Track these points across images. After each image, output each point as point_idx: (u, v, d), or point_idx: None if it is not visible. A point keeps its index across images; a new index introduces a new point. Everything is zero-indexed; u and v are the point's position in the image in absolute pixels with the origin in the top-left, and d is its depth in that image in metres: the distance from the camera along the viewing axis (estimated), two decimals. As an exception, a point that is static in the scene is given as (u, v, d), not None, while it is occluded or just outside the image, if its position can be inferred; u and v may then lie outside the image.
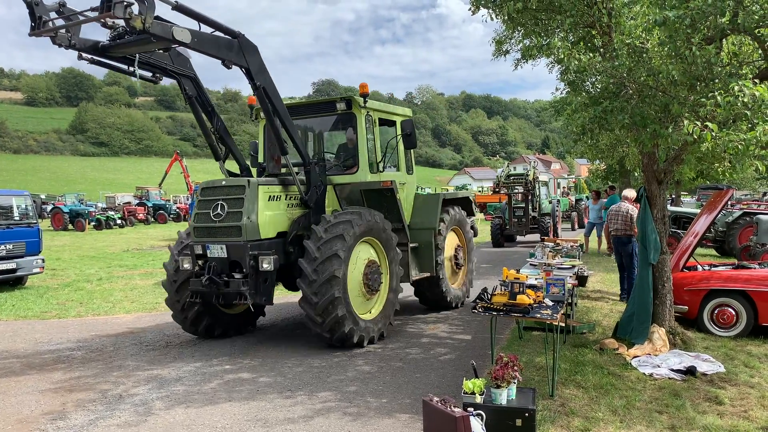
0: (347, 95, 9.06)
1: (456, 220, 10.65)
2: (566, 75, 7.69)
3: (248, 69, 7.24)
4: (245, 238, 7.64)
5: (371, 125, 9.23)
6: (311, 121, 9.84)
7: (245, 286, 7.54)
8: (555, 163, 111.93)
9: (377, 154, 9.34)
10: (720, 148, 5.56)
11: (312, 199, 8.46)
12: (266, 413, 5.77)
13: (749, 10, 5.52)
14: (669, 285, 7.84)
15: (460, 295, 10.83)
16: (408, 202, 10.01)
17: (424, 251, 9.83)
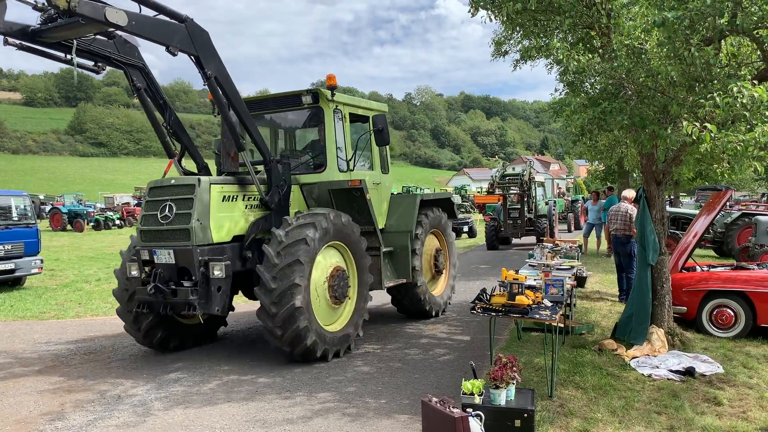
0: (314, 88, 8.45)
1: (436, 222, 10.11)
2: (565, 76, 7.68)
3: (197, 57, 6.68)
4: (194, 243, 6.94)
5: (340, 120, 8.67)
6: (276, 116, 9.32)
7: (194, 295, 6.84)
8: (554, 164, 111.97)
9: (347, 152, 8.76)
10: (719, 149, 5.57)
11: (273, 200, 7.78)
12: (265, 414, 5.77)
13: (748, 11, 5.53)
14: (668, 286, 7.84)
15: (440, 303, 10.22)
16: (383, 204, 9.52)
17: (400, 256, 9.25)
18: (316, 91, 8.36)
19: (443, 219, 10.42)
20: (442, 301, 10.31)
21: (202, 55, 6.73)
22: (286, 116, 9.32)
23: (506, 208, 21.88)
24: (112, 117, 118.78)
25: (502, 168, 23.56)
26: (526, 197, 21.73)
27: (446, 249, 10.70)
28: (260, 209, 7.85)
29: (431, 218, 9.87)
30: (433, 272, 10.25)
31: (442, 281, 10.60)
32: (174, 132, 7.86)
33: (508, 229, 21.92)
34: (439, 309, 10.18)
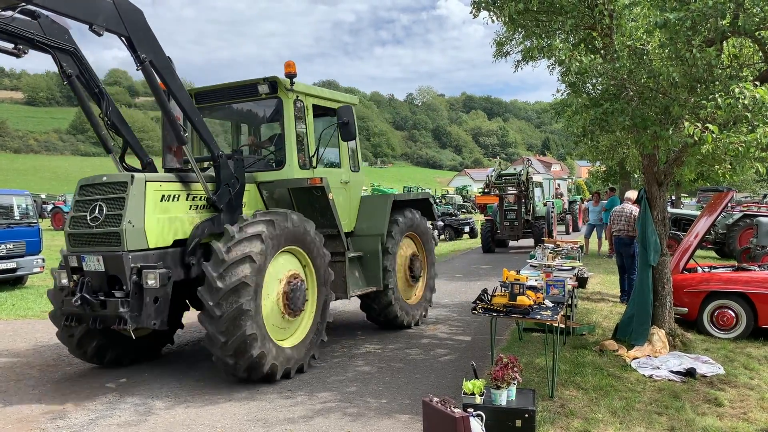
0: (271, 76, 7.60)
1: (412, 225, 9.36)
2: (567, 76, 7.69)
3: (128, 38, 5.93)
4: (125, 248, 6.11)
5: (302, 112, 7.88)
6: (237, 108, 8.61)
7: (125, 307, 6.01)
8: (555, 165, 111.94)
9: (309, 147, 7.95)
10: (720, 150, 5.58)
11: (222, 200, 6.99)
12: (266, 413, 5.78)
13: (750, 13, 5.54)
14: (669, 287, 7.85)
15: (415, 313, 9.41)
16: (352, 205, 8.85)
17: (370, 261, 8.62)
18: (273, 79, 7.57)
19: (421, 221, 9.70)
20: (418, 311, 9.52)
21: (134, 36, 5.97)
22: (246, 108, 8.64)
23: (502, 209, 20.88)
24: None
25: (498, 167, 22.60)
26: (523, 198, 20.75)
27: (424, 255, 9.93)
28: (208, 210, 7.08)
29: (406, 220, 9.18)
30: (409, 279, 9.45)
31: (418, 290, 9.79)
32: (112, 124, 6.99)
33: (504, 231, 20.88)
34: (414, 320, 9.36)
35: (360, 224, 8.87)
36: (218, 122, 9.39)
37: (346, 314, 10.58)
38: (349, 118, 7.75)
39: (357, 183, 9.04)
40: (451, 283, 14.10)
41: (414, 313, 9.37)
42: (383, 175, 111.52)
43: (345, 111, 7.79)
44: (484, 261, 18.39)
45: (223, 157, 7.04)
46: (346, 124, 7.75)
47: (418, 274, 9.63)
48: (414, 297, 9.64)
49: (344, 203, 8.54)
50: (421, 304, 9.69)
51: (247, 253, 6.27)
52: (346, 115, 7.75)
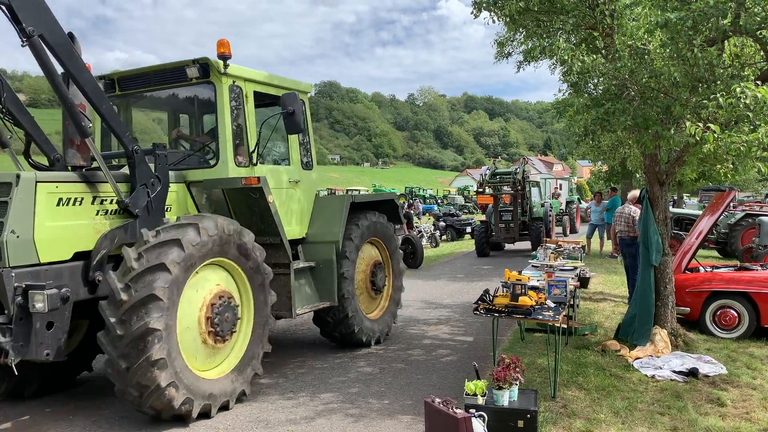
0: (202, 57, 6.56)
1: (374, 229, 8.31)
2: (569, 76, 7.68)
3: (8, 5, 4.85)
4: (6, 263, 5.00)
5: (240, 100, 6.86)
6: (162, 96, 7.41)
7: (6, 335, 4.92)
8: (557, 165, 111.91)
9: (249, 141, 6.90)
10: (722, 150, 5.58)
11: (138, 203, 5.88)
12: (268, 414, 5.78)
13: (751, 12, 5.53)
14: (671, 286, 7.84)
15: (376, 329, 8.29)
16: (305, 208, 7.82)
17: (323, 272, 7.59)
18: (204, 61, 6.54)
19: (385, 226, 8.60)
20: (380, 327, 8.40)
21: (17, 4, 4.87)
22: (179, 96, 7.40)
23: (497, 210, 19.47)
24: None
25: (493, 165, 21.19)
26: (519, 198, 19.36)
27: (389, 263, 8.84)
28: (121, 216, 5.94)
29: (368, 225, 8.12)
30: (370, 291, 8.37)
31: (381, 303, 8.68)
32: (10, 115, 6.02)
33: (500, 234, 19.43)
34: (375, 337, 8.26)
35: (313, 229, 7.84)
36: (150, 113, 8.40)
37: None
38: (295, 107, 6.58)
39: (310, 182, 8.00)
40: (452, 283, 14.10)
41: (376, 329, 8.28)
42: (384, 175, 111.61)
43: (290, 99, 6.60)
44: (485, 261, 18.39)
45: (139, 152, 5.95)
46: (291, 114, 6.58)
47: (382, 286, 8.56)
48: (376, 311, 8.55)
49: (294, 206, 7.59)
50: (385, 318, 8.57)
51: (161, 261, 5.18)
52: (292, 104, 6.57)
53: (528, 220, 19.71)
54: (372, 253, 8.52)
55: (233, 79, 6.77)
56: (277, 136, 7.52)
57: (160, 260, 5.20)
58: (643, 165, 8.05)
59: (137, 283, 5.13)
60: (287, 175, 7.54)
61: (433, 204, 53.97)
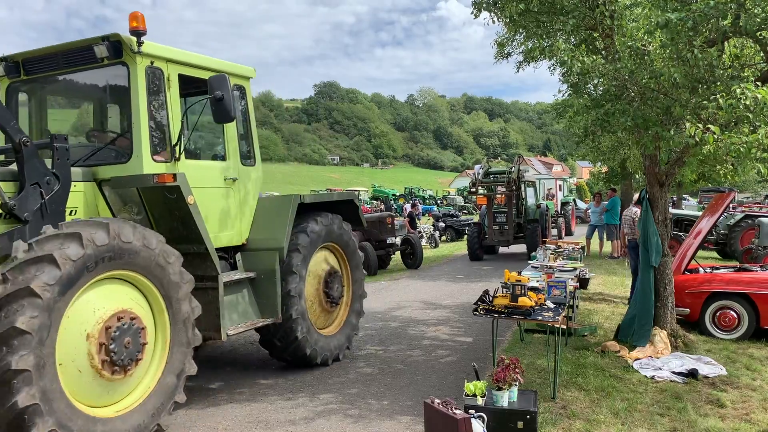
0: (113, 33, 5.59)
1: (330, 234, 7.38)
2: (569, 77, 7.68)
3: None
4: None
5: (161, 84, 5.91)
6: (73, 80, 6.35)
7: None
8: (557, 165, 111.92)
9: (171, 132, 5.93)
10: (722, 151, 5.57)
11: (27, 206, 4.97)
12: (267, 414, 5.78)
13: (751, 13, 5.53)
14: (671, 287, 7.84)
15: (334, 346, 7.42)
16: (245, 210, 6.85)
17: (265, 284, 6.67)
18: (115, 38, 5.57)
19: (342, 229, 7.67)
20: (339, 342, 7.55)
21: None
22: (91, 80, 6.33)
23: (491, 211, 18.45)
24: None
25: (486, 164, 19.98)
26: (514, 199, 18.40)
27: (347, 271, 7.92)
28: (7, 221, 4.99)
29: (321, 228, 7.20)
30: (325, 304, 7.42)
31: (339, 315, 7.79)
32: None
33: (494, 236, 18.39)
34: (333, 355, 7.40)
35: (253, 235, 6.90)
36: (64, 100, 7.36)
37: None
38: (224, 92, 5.68)
39: (252, 180, 7.00)
40: (452, 284, 14.09)
41: (333, 345, 7.43)
42: (384, 176, 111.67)
43: (218, 82, 5.71)
44: (484, 262, 18.37)
45: (29, 145, 5.05)
46: (219, 99, 5.68)
47: (339, 296, 7.63)
48: (333, 325, 7.68)
49: (231, 207, 6.63)
50: (344, 332, 7.72)
51: (27, 284, 4.19)
52: (220, 88, 5.69)
53: (523, 221, 18.85)
54: (327, 261, 7.57)
55: (152, 59, 5.79)
56: (212, 128, 6.77)
57: (27, 283, 4.19)
58: (643, 166, 8.05)
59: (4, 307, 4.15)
60: (222, 173, 6.53)
61: (432, 205, 53.98)
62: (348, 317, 7.85)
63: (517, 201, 18.70)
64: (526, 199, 19.61)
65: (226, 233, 6.57)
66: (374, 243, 16.19)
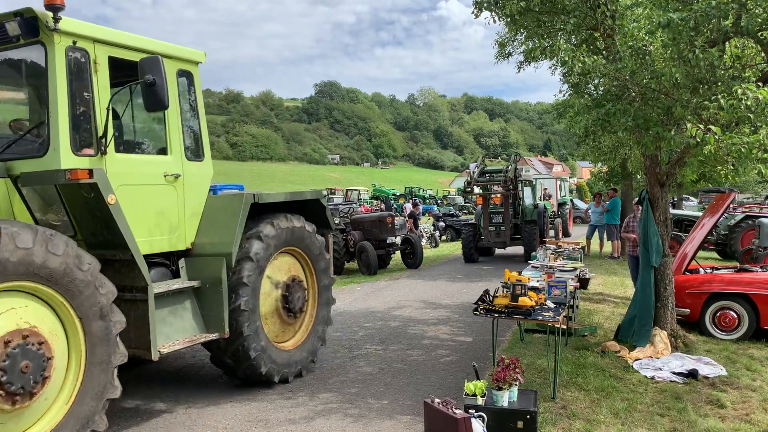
0: (26, 8, 4.93)
1: (290, 237, 6.65)
2: (570, 77, 7.68)
3: None
4: None
5: (85, 67, 5.18)
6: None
7: None
8: (557, 166, 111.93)
9: (98, 122, 5.23)
10: (723, 151, 5.57)
11: None
12: (267, 414, 5.78)
13: (752, 13, 5.53)
14: (671, 288, 7.84)
15: (296, 360, 6.72)
16: (190, 210, 6.11)
17: (210, 295, 5.92)
18: (30, 14, 4.91)
19: (307, 232, 6.93)
20: (301, 356, 6.82)
21: None
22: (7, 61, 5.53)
23: (487, 211, 17.75)
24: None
25: (482, 162, 19.10)
26: (511, 199, 17.71)
27: (313, 278, 7.17)
28: None
29: (279, 232, 6.45)
30: (284, 316, 6.67)
31: (301, 326, 7.04)
32: None
33: (489, 238, 17.67)
34: (295, 370, 6.70)
35: (200, 239, 6.18)
36: None
37: (347, 314, 10.57)
38: (156, 76, 5.03)
39: (199, 177, 6.24)
40: (452, 283, 14.09)
41: (295, 360, 6.70)
42: (385, 175, 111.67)
43: (150, 65, 5.06)
44: (484, 262, 18.36)
45: None
46: (151, 84, 5.04)
47: (301, 306, 6.87)
48: (295, 337, 6.93)
49: (171, 208, 5.91)
50: (308, 345, 6.98)
51: None
52: (152, 71, 5.03)
53: (521, 222, 18.13)
54: (288, 268, 6.80)
55: (74, 38, 5.08)
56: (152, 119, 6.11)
57: None
58: (644, 166, 8.05)
59: None
60: (162, 168, 5.82)
61: (432, 204, 53.97)
62: (313, 328, 7.12)
63: (514, 201, 18.13)
64: (524, 199, 18.95)
65: (165, 237, 5.85)
66: (374, 242, 16.20)
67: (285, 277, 6.72)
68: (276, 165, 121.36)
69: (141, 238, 5.43)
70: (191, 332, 5.85)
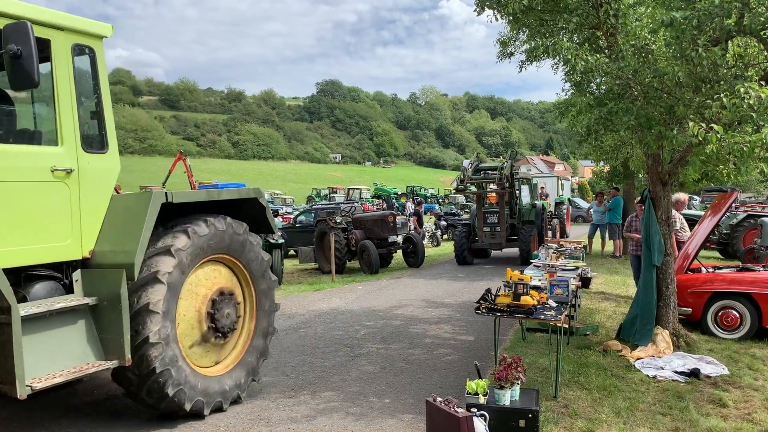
0: None
1: (215, 244, 5.59)
2: (572, 76, 7.67)
3: None
4: None
5: None
6: None
7: None
8: (559, 165, 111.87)
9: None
10: (725, 150, 5.56)
11: None
12: (269, 412, 5.78)
13: (755, 12, 5.52)
14: (673, 287, 7.83)
15: (223, 390, 5.68)
16: (87, 212, 5.11)
17: (108, 314, 4.88)
18: None
19: (239, 236, 5.87)
20: (231, 384, 5.77)
21: None
22: None
23: (481, 211, 17.03)
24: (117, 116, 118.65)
25: (476, 159, 18.19)
26: (507, 198, 16.91)
27: (251, 292, 6.16)
28: None
29: (199, 240, 5.38)
30: (209, 337, 5.61)
31: (233, 349, 6.01)
32: None
33: (484, 239, 16.92)
34: (227, 398, 5.74)
35: (100, 246, 5.17)
36: None
37: (348, 313, 10.58)
38: (23, 47, 4.21)
39: (100, 173, 5.25)
40: (454, 282, 14.09)
41: (223, 389, 5.68)
42: (386, 174, 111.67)
43: (16, 33, 4.24)
44: (486, 261, 18.35)
45: None
46: (17, 57, 4.22)
47: (230, 325, 5.77)
48: (228, 359, 5.93)
49: (64, 208, 4.94)
50: (243, 365, 5.99)
51: None
52: (18, 40, 4.23)
53: (518, 222, 17.37)
54: (213, 279, 5.73)
55: None
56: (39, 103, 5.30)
57: None
58: (646, 165, 8.04)
59: None
60: (48, 161, 4.82)
61: (434, 203, 53.93)
62: (251, 344, 6.13)
63: (511, 200, 17.38)
64: (521, 198, 18.14)
65: (54, 244, 4.86)
66: (376, 241, 16.22)
67: (210, 291, 5.65)
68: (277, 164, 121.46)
69: (15, 246, 4.54)
70: (82, 360, 4.78)
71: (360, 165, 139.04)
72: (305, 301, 12.02)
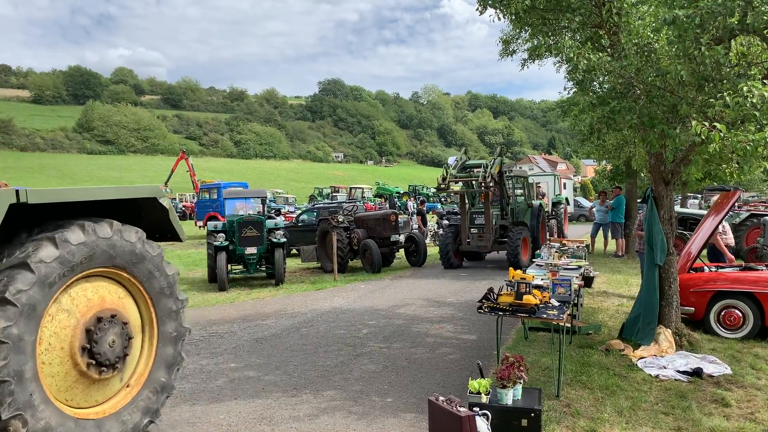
0: None
1: (98, 254, 4.49)
2: (574, 74, 7.66)
3: None
4: None
5: None
6: None
7: None
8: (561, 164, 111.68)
9: None
10: (728, 149, 5.55)
11: None
12: (272, 411, 5.79)
13: (758, 11, 5.50)
14: (675, 286, 7.82)
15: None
16: None
17: None
18: None
19: (125, 243, 4.73)
20: (124, 425, 4.67)
21: None
22: None
23: (468, 211, 16.10)
24: (120, 115, 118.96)
25: (463, 155, 16.92)
26: (494, 197, 15.95)
27: (147, 308, 5.04)
28: None
29: (73, 249, 4.29)
30: (90, 371, 4.45)
31: (123, 386, 4.85)
32: None
33: (471, 241, 15.88)
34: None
35: None
36: None
37: (351, 312, 10.58)
38: None
39: None
40: (456, 281, 14.08)
41: (115, 430, 4.59)
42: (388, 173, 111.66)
43: None
44: (487, 260, 18.33)
45: None
46: None
47: (120, 353, 4.69)
48: (117, 398, 4.79)
49: None
50: (138, 403, 4.88)
51: None
52: None
53: (510, 224, 16.09)
54: (93, 299, 4.58)
55: None
56: None
57: None
58: (649, 164, 8.02)
59: None
60: None
61: (436, 202, 53.90)
62: (150, 377, 5.01)
63: (501, 200, 16.40)
64: (515, 197, 16.93)
65: None
66: (378, 240, 16.21)
67: (87, 315, 4.48)
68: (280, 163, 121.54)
69: None
70: None
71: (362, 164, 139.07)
72: (307, 300, 12.03)
